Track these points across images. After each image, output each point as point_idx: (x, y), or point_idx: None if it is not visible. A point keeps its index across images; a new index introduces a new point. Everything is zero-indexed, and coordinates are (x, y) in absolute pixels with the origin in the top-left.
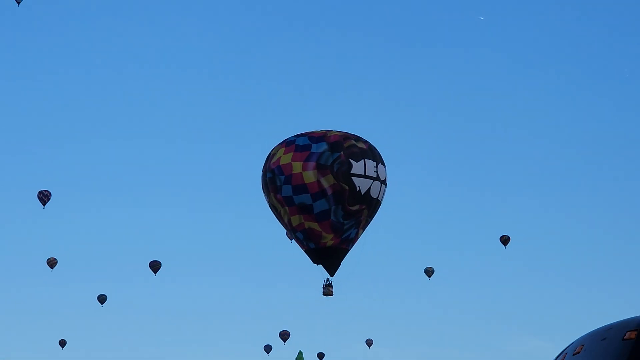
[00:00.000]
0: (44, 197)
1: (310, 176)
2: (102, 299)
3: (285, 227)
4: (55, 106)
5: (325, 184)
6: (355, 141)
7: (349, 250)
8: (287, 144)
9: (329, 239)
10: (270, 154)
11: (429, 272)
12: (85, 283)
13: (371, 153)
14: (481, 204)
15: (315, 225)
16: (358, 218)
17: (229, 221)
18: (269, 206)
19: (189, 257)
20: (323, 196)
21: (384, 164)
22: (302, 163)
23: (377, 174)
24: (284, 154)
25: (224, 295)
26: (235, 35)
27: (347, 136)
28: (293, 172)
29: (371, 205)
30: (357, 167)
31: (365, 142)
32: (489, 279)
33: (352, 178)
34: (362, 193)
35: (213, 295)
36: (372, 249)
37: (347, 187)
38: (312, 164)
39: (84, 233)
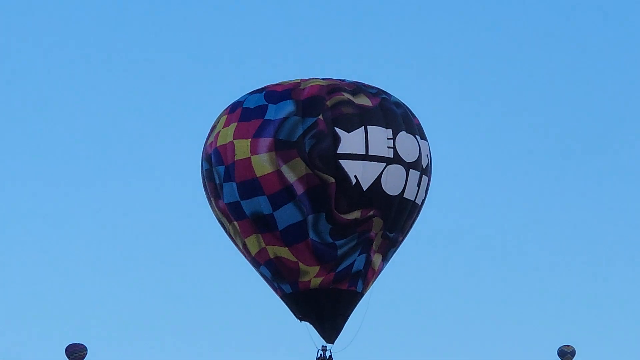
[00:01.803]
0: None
1: (263, 164)
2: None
3: (245, 256)
4: None
5: (290, 176)
6: (352, 94)
7: (360, 295)
8: (233, 108)
9: (312, 275)
10: (211, 127)
11: (566, 354)
12: None
13: (384, 114)
14: None
15: (284, 252)
16: (364, 234)
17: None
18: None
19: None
20: (290, 198)
21: (418, 134)
22: (249, 141)
23: (396, 152)
24: (223, 127)
25: None
26: None
27: (336, 86)
28: (237, 158)
29: (390, 208)
30: (348, 140)
31: (376, 94)
32: None
33: (341, 162)
34: (365, 188)
35: None
36: (402, 297)
37: (332, 180)
38: (265, 141)
39: None
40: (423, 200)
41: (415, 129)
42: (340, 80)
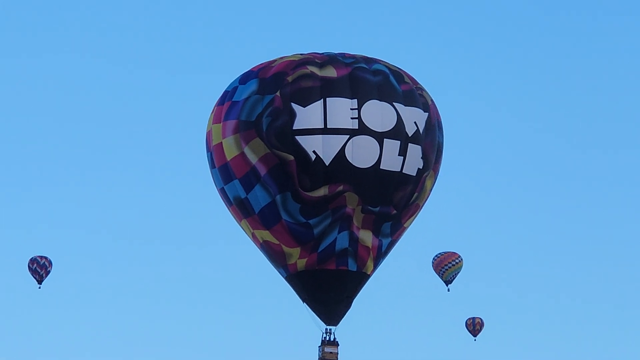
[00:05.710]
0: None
1: (231, 146)
2: None
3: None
4: None
5: (252, 157)
6: (320, 67)
7: (357, 274)
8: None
9: (296, 257)
10: None
11: None
12: None
13: (350, 84)
14: None
15: (267, 235)
16: (339, 210)
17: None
18: None
19: None
20: (256, 180)
21: (402, 101)
22: (220, 125)
23: (362, 122)
24: (211, 113)
25: None
26: None
27: (305, 60)
28: (213, 143)
29: (363, 181)
30: (304, 115)
31: (350, 63)
32: None
33: (297, 138)
34: (328, 163)
35: None
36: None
37: (290, 157)
38: (231, 123)
39: None
40: (420, 170)
41: (398, 97)
42: (321, 53)
